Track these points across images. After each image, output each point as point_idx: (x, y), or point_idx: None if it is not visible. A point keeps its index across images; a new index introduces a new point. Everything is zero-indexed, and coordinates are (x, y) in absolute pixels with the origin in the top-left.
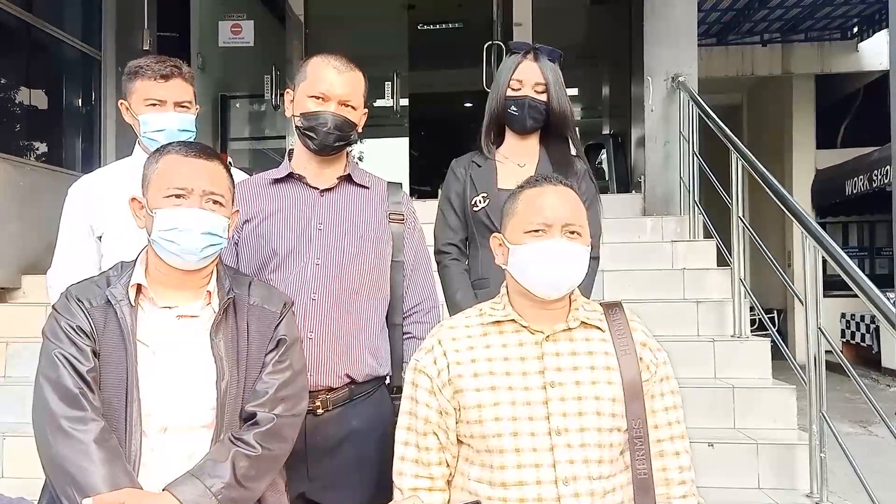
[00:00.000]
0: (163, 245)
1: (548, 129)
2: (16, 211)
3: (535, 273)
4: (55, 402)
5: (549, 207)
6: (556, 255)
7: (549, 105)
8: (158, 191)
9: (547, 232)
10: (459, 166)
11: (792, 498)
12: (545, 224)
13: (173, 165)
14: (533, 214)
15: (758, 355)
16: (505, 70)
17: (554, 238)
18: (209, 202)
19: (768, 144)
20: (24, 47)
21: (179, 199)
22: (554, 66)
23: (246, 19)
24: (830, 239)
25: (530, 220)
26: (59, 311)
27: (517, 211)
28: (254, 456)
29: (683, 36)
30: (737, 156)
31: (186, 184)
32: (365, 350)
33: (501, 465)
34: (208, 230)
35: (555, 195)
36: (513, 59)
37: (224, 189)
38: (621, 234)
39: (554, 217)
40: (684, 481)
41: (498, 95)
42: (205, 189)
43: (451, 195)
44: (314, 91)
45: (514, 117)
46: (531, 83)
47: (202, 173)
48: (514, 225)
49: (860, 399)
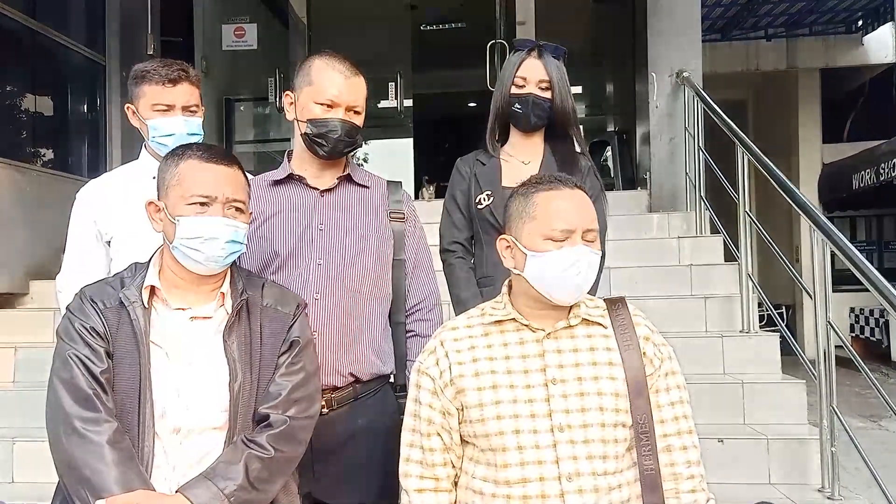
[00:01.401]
0: (186, 253)
1: (552, 127)
2: (23, 217)
3: (557, 282)
4: (69, 403)
5: (571, 213)
6: (579, 264)
7: (553, 102)
8: (181, 197)
9: (569, 239)
10: (464, 165)
11: (803, 493)
12: (568, 231)
13: (195, 171)
14: (554, 220)
15: (767, 350)
16: (509, 67)
17: (576, 246)
18: (231, 209)
19: (774, 140)
20: (29, 53)
21: (203, 207)
22: (558, 63)
23: (249, 22)
24: (839, 232)
25: (552, 226)
26: (73, 312)
27: (535, 216)
28: (266, 458)
29: (687, 31)
30: (743, 150)
31: (210, 191)
32: (368, 349)
33: (504, 464)
34: (232, 238)
35: (573, 200)
36: (517, 57)
37: (245, 195)
38: (627, 231)
39: (577, 223)
40: (693, 476)
41: (502, 93)
42: (228, 196)
43: (457, 193)
44: (322, 98)
45: (518, 115)
46: (535, 80)
47: (225, 180)
48: (532, 230)
49: (870, 394)
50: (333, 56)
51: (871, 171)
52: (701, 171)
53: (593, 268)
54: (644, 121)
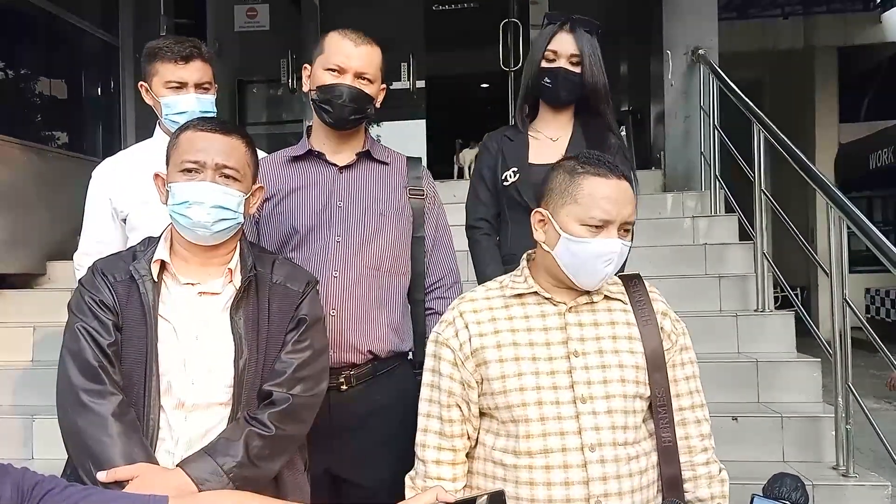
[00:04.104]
0: (177, 219)
1: (583, 103)
2: (40, 198)
3: (585, 269)
4: (75, 374)
5: (613, 205)
6: (609, 256)
7: (584, 78)
8: (175, 165)
9: (605, 230)
10: (492, 140)
11: (818, 470)
12: (606, 221)
13: (189, 140)
14: (594, 209)
15: (782, 329)
16: (540, 41)
17: (611, 238)
18: (222, 176)
19: (791, 119)
20: (44, 37)
21: (192, 174)
22: (591, 38)
23: (261, 3)
24: (857, 209)
25: (592, 214)
26: (84, 286)
27: (578, 199)
28: (268, 436)
29: (704, 8)
30: (759, 128)
31: (200, 158)
32: (387, 326)
33: (527, 434)
34: (219, 203)
35: (618, 191)
36: (549, 30)
37: (240, 163)
38: (642, 210)
39: (616, 216)
40: (706, 448)
41: (532, 67)
42: (218, 162)
43: (483, 169)
44: (330, 63)
45: (547, 90)
46: (566, 55)
47: (216, 147)
48: (572, 212)
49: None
50: (348, 29)
51: (888, 151)
52: (716, 150)
53: (622, 258)
54: (659, 100)
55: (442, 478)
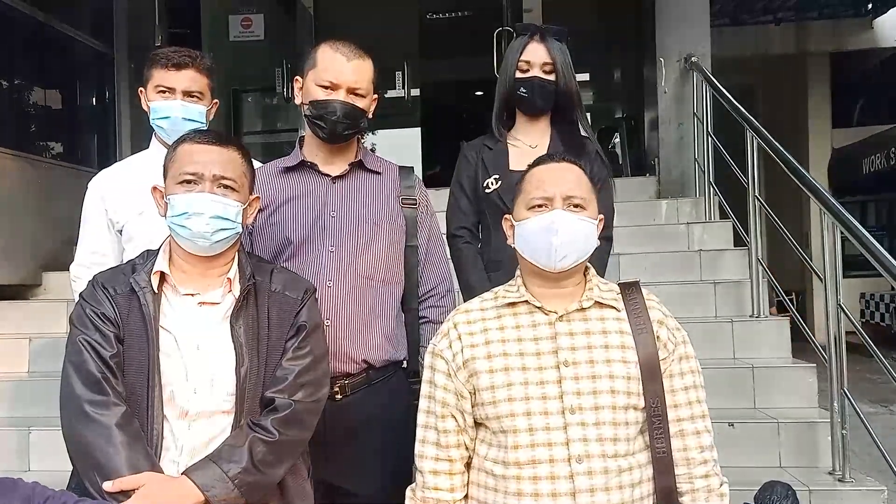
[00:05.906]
0: (177, 230)
1: (558, 110)
2: (35, 209)
3: (536, 245)
4: (79, 386)
5: (550, 181)
6: (555, 226)
7: (558, 85)
8: (173, 178)
9: (548, 206)
10: (471, 150)
11: (814, 475)
12: (546, 198)
13: (187, 153)
14: (535, 190)
15: (777, 335)
16: (512, 52)
17: (554, 210)
18: (220, 187)
19: (783, 125)
20: (38, 46)
21: (190, 185)
22: (561, 45)
23: (256, 13)
24: (849, 215)
25: (532, 195)
26: (85, 299)
27: (523, 189)
28: (271, 441)
29: (696, 15)
30: (752, 134)
31: (198, 169)
32: (381, 335)
33: (515, 445)
34: (218, 214)
35: (556, 170)
36: (520, 41)
37: (237, 174)
38: (636, 217)
39: (554, 190)
40: (706, 461)
41: (507, 78)
42: (216, 174)
43: (463, 179)
44: (323, 79)
45: (523, 99)
46: (539, 64)
47: (213, 158)
48: (519, 203)
49: (880, 379)
50: (340, 41)
51: (881, 156)
52: (710, 157)
53: (578, 233)
54: (652, 106)
55: (439, 488)
